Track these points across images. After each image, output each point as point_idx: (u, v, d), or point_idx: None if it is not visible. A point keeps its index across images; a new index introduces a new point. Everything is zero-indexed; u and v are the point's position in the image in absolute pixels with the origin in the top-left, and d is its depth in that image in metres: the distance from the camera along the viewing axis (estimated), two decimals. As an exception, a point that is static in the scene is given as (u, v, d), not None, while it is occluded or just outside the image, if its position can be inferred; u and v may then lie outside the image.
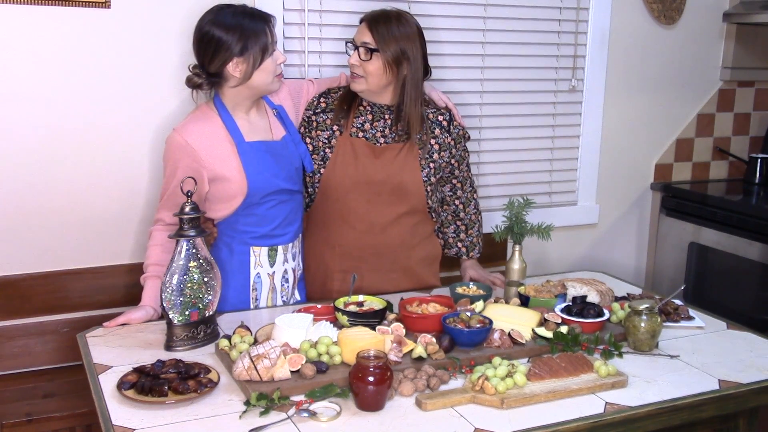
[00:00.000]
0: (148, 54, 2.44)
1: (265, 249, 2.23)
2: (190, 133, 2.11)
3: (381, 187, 2.31)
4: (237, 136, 2.15)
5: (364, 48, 2.23)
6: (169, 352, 1.88)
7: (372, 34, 2.23)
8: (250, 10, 2.13)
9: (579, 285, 2.19)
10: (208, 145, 2.11)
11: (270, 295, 2.27)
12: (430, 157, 2.36)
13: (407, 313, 1.97)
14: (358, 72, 2.26)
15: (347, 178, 2.30)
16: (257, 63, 2.09)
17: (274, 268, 2.25)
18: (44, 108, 2.35)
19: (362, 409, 1.60)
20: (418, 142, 2.34)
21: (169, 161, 2.13)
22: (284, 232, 2.25)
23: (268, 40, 2.10)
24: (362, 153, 2.31)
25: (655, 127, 3.39)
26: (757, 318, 3.02)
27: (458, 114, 2.45)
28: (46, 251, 2.43)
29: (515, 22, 2.97)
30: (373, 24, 2.24)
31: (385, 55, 2.23)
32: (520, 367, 1.73)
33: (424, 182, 2.35)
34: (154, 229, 2.18)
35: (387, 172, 2.31)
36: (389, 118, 2.34)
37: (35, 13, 2.29)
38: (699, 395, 1.73)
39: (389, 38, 2.23)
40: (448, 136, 2.39)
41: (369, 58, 2.23)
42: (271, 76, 2.14)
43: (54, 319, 2.45)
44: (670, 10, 3.26)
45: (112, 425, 1.53)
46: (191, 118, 2.16)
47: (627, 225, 3.44)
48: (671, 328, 2.11)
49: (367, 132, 2.33)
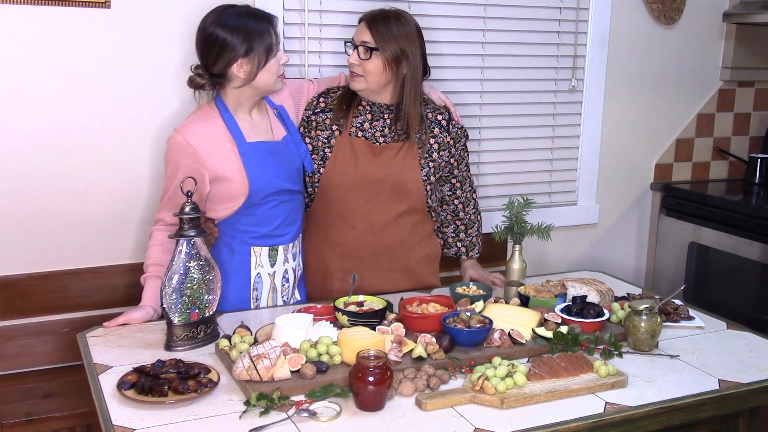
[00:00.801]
0: (148, 54, 2.44)
1: (265, 249, 2.23)
2: (191, 134, 2.10)
3: (380, 186, 2.31)
4: (238, 136, 2.14)
5: (363, 47, 2.23)
6: (169, 352, 1.88)
7: (371, 33, 2.23)
8: (253, 11, 2.13)
9: (579, 285, 2.19)
10: (209, 145, 2.11)
11: (270, 295, 2.27)
12: (430, 157, 2.36)
13: (407, 313, 1.97)
14: (358, 71, 2.26)
15: (346, 177, 2.30)
16: (261, 64, 2.09)
17: (274, 268, 2.26)
18: (44, 108, 2.35)
19: (362, 409, 1.60)
20: (418, 142, 2.35)
21: (170, 161, 2.13)
22: (285, 232, 2.25)
23: (272, 41, 2.10)
24: (361, 152, 2.31)
25: (655, 127, 3.39)
26: (757, 318, 3.02)
27: (457, 113, 2.45)
28: (46, 251, 2.43)
29: (515, 22, 2.97)
30: (373, 23, 2.24)
31: (384, 54, 2.23)
32: (520, 367, 1.73)
33: (424, 181, 2.35)
34: (154, 229, 2.18)
35: (386, 172, 2.31)
36: (388, 117, 2.34)
37: (35, 13, 2.29)
38: (699, 395, 1.73)
39: (389, 37, 2.23)
40: (447, 135, 2.39)
41: (368, 57, 2.23)
42: (275, 76, 2.14)
43: (54, 319, 2.45)
44: (670, 10, 3.26)
45: (112, 425, 1.53)
46: (193, 119, 2.15)
47: (627, 225, 3.44)
48: (671, 328, 2.11)
49: (366, 131, 2.33)
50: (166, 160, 2.16)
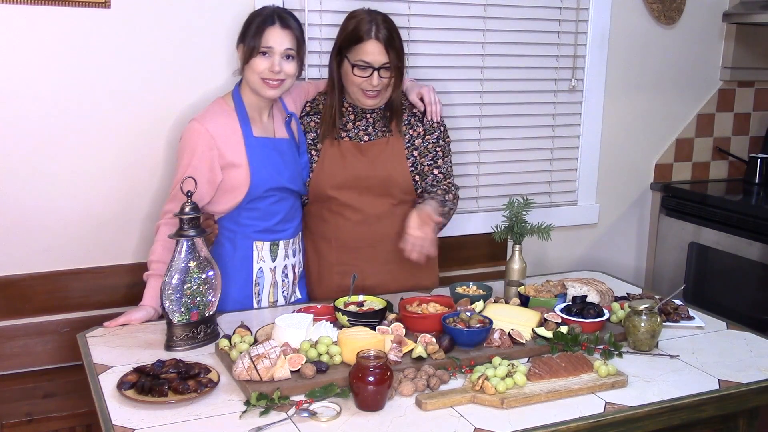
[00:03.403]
0: (148, 54, 2.44)
1: (267, 243, 2.25)
2: (209, 122, 2.14)
3: (370, 181, 2.33)
4: (247, 129, 2.18)
5: (385, 69, 2.23)
6: (169, 352, 1.88)
7: (388, 54, 2.22)
8: (279, 13, 2.16)
9: (579, 285, 2.19)
10: (223, 133, 2.15)
11: (272, 290, 2.29)
12: (413, 145, 2.38)
13: (407, 313, 1.98)
14: (379, 88, 2.26)
15: (336, 177, 2.32)
16: (245, 59, 2.14)
17: (275, 263, 2.27)
18: (44, 108, 2.35)
19: (362, 409, 1.60)
20: (400, 133, 2.36)
21: (186, 149, 2.15)
22: (285, 228, 2.28)
23: (257, 44, 2.11)
24: (349, 153, 2.33)
25: (655, 127, 3.39)
26: (757, 318, 3.02)
27: (435, 108, 2.40)
28: (46, 251, 2.43)
29: (515, 23, 2.97)
30: (390, 40, 2.23)
31: (402, 70, 2.28)
32: (520, 367, 1.73)
33: (411, 171, 2.36)
34: (162, 223, 2.17)
35: (374, 167, 2.33)
36: (371, 117, 2.36)
37: (35, 13, 2.29)
38: (699, 395, 1.73)
39: (401, 53, 2.27)
40: (420, 126, 2.40)
41: (392, 77, 2.26)
42: (257, 77, 2.14)
43: (54, 319, 2.45)
44: (670, 10, 3.26)
45: (112, 425, 1.53)
46: (209, 110, 2.20)
47: (627, 225, 3.44)
48: (671, 328, 2.11)
49: (350, 131, 2.35)
50: (181, 149, 2.17)
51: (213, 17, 2.49)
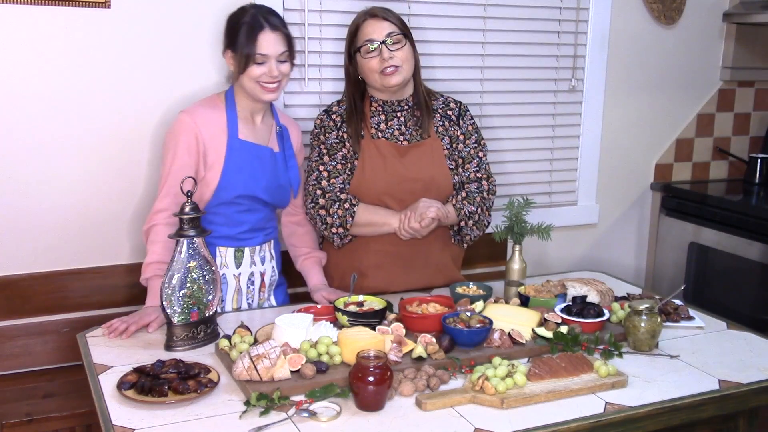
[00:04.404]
0: (148, 54, 2.44)
1: (231, 249, 2.23)
2: (198, 115, 2.15)
3: (413, 184, 2.31)
4: (233, 130, 2.16)
5: (392, 37, 2.25)
6: (169, 352, 1.88)
7: (390, 21, 2.27)
8: (267, 16, 2.13)
9: (579, 285, 2.19)
10: (208, 128, 2.14)
11: (235, 297, 2.27)
12: (451, 147, 2.39)
13: (407, 313, 1.97)
14: (395, 62, 2.26)
15: (379, 180, 2.30)
16: (241, 66, 2.11)
17: (240, 270, 2.25)
18: (43, 108, 2.35)
19: (362, 409, 1.60)
20: (438, 135, 2.37)
21: (171, 141, 2.14)
22: (252, 237, 2.25)
23: (253, 50, 2.09)
24: (389, 153, 2.32)
25: (655, 127, 3.39)
26: (757, 318, 3.02)
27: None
28: (46, 251, 2.43)
29: (515, 22, 2.97)
30: (384, 13, 2.29)
31: (409, 36, 2.30)
32: (520, 367, 1.73)
33: (451, 171, 2.37)
34: (156, 223, 2.13)
35: (417, 170, 2.32)
36: (401, 115, 2.36)
37: (35, 13, 2.29)
38: (699, 395, 1.73)
39: (402, 21, 2.30)
40: (458, 129, 2.41)
41: (401, 44, 2.26)
42: (255, 84, 2.13)
43: (54, 319, 2.45)
44: (670, 10, 3.26)
45: (112, 425, 1.53)
46: (200, 104, 2.20)
47: (627, 225, 3.44)
48: (671, 328, 2.11)
49: (385, 132, 2.35)
50: (166, 142, 2.16)
51: (213, 17, 2.49)
